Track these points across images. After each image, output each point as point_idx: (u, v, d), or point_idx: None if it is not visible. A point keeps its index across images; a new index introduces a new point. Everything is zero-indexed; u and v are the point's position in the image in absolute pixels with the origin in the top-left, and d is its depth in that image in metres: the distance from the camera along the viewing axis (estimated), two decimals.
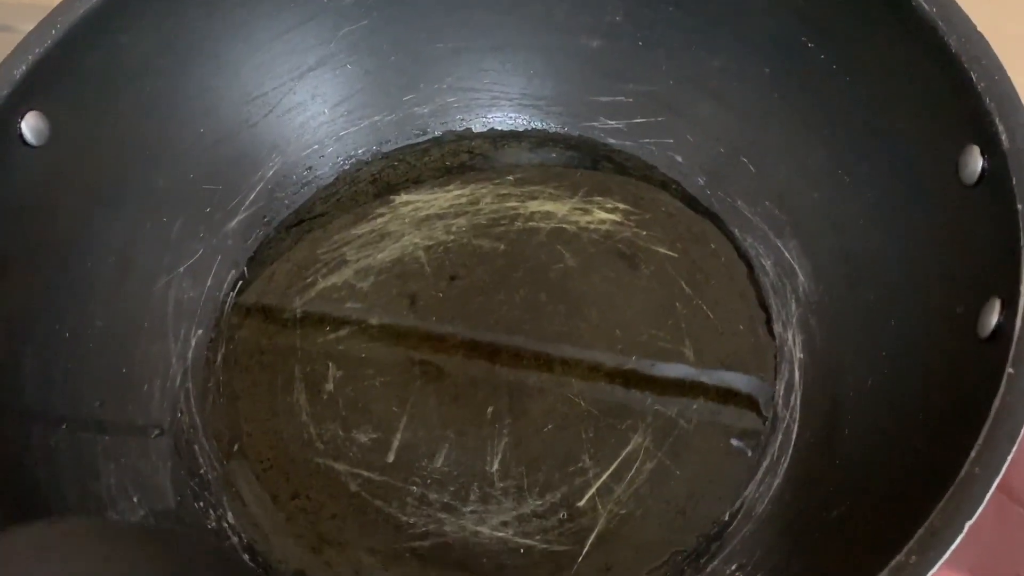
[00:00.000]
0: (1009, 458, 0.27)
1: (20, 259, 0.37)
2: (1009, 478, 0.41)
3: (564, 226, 0.46)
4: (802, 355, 0.41)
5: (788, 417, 0.40)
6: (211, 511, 0.40)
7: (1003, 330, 0.29)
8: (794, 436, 0.40)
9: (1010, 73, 0.33)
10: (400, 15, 0.47)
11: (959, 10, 0.34)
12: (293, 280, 0.46)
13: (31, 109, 0.36)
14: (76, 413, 0.38)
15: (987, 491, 0.26)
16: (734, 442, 0.41)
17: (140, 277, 0.43)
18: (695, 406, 0.41)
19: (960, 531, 0.26)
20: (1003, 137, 0.31)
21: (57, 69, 0.37)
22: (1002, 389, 0.27)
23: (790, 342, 0.42)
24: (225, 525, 0.40)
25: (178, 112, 0.44)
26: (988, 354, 0.29)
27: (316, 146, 0.48)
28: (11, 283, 0.37)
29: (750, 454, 0.40)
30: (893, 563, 0.26)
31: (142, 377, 0.42)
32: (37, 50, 0.36)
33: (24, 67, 0.36)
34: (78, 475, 0.37)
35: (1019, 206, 0.30)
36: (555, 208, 0.47)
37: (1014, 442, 0.27)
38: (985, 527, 0.41)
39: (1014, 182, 0.30)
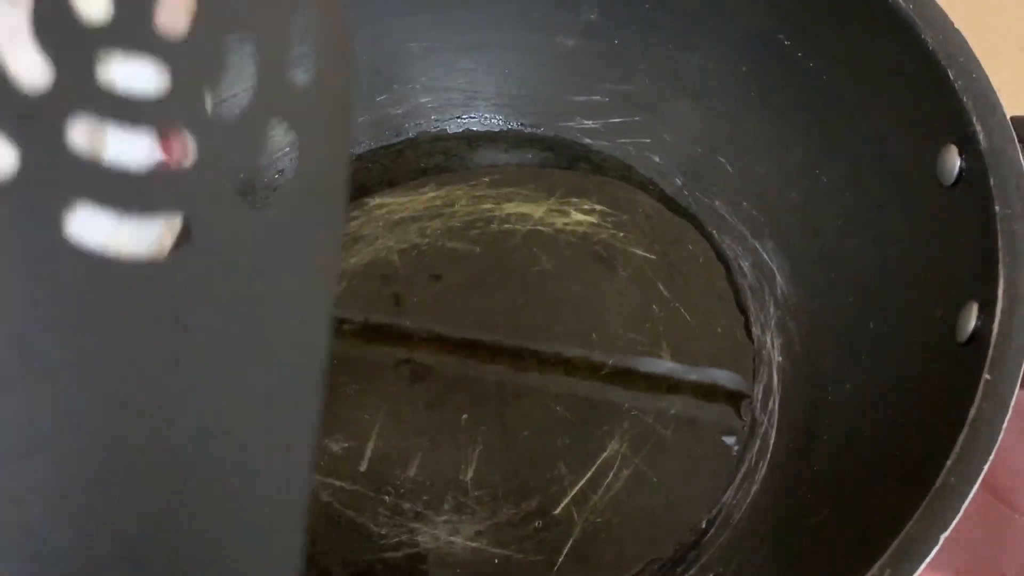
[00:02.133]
0: (986, 467, 0.26)
1: None
2: (995, 478, 0.41)
3: (540, 228, 0.46)
4: (780, 358, 0.41)
5: (766, 422, 0.40)
6: None
7: (980, 335, 0.28)
8: (772, 441, 0.39)
9: (988, 68, 0.32)
10: (372, 13, 0.46)
11: (936, 6, 0.33)
12: None
13: None
14: None
15: (963, 502, 0.26)
16: (726, 439, 0.40)
17: None
18: (673, 411, 0.41)
19: (935, 544, 0.25)
20: (980, 136, 0.30)
21: None
22: (978, 396, 0.27)
23: (768, 345, 0.41)
24: None
25: None
26: (966, 359, 0.29)
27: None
28: None
29: (735, 451, 0.40)
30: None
31: None
32: None
33: None
34: None
35: (996, 207, 0.29)
36: (531, 210, 0.46)
37: (991, 451, 0.26)
38: (970, 527, 0.40)
39: (992, 182, 0.30)
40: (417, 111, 0.49)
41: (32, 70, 0.15)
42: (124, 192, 0.16)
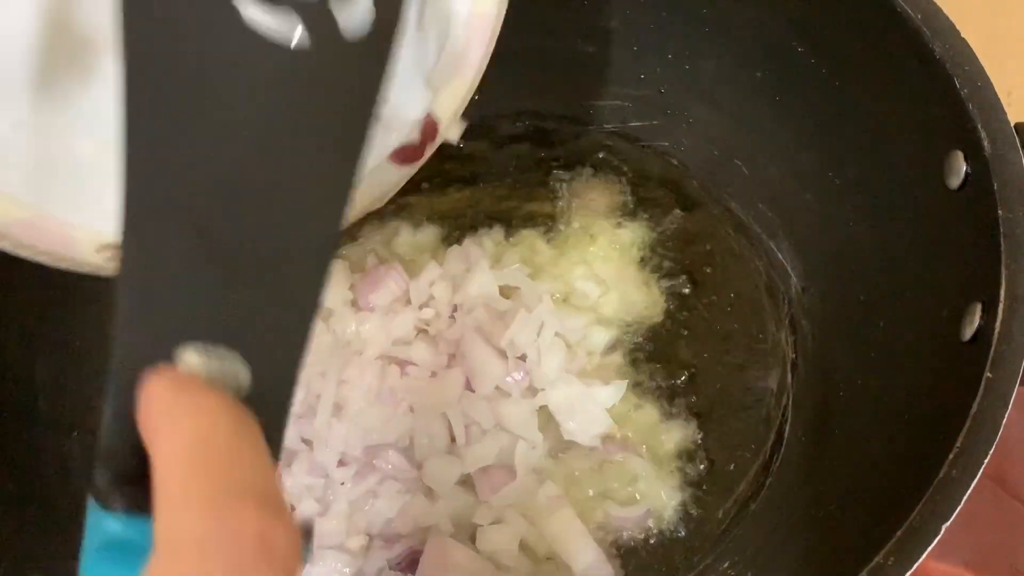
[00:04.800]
0: (986, 461, 0.27)
1: (29, 275, 0.38)
2: (1004, 472, 0.42)
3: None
4: (794, 355, 0.42)
5: (780, 417, 0.41)
6: None
7: (983, 334, 0.30)
8: (786, 435, 0.41)
9: (998, 73, 0.33)
10: None
11: (944, 17, 0.34)
12: None
13: None
14: (86, 420, 0.39)
15: (964, 493, 0.27)
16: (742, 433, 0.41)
17: None
18: (691, 405, 0.42)
19: (937, 533, 0.27)
20: (985, 143, 0.31)
21: None
22: (980, 393, 0.28)
23: (783, 342, 0.43)
24: None
25: None
26: (969, 357, 0.30)
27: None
28: (23, 298, 0.38)
29: (751, 445, 0.41)
30: (872, 564, 0.27)
31: None
32: None
33: None
34: (90, 480, 0.38)
35: (1000, 212, 0.31)
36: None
37: (991, 445, 0.27)
38: (980, 520, 0.42)
39: (995, 187, 0.31)
40: None
41: None
42: None
